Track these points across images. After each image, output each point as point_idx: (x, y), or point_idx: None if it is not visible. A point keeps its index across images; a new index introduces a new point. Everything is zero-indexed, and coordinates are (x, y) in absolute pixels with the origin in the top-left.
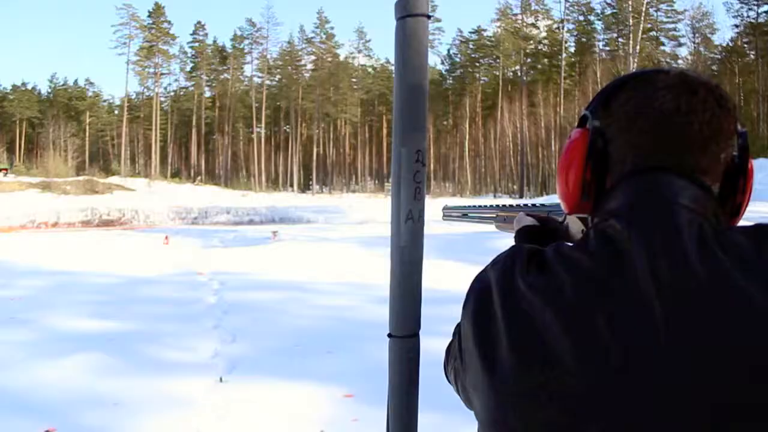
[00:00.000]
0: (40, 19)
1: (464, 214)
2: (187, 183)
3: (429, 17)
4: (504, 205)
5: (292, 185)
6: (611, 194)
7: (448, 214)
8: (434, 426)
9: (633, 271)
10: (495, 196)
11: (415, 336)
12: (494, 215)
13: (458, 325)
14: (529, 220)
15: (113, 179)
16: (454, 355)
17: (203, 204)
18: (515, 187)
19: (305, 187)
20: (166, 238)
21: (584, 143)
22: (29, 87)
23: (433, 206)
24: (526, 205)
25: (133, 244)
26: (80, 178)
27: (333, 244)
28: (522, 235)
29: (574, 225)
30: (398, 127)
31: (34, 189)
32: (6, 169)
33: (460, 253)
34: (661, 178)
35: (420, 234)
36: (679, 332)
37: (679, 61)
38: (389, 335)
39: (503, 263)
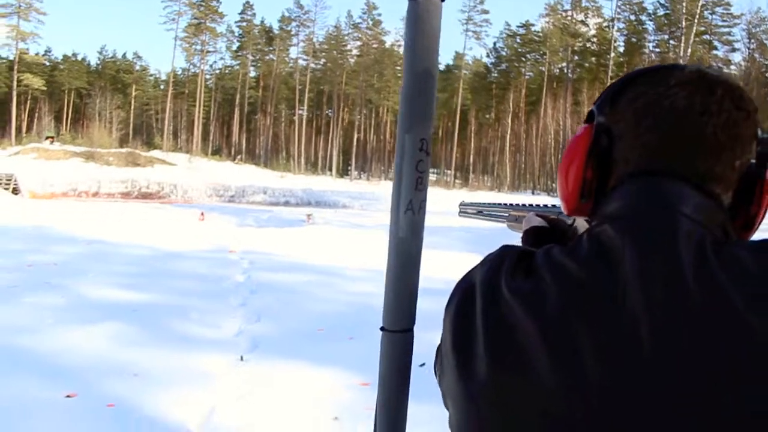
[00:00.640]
0: None
1: (479, 211)
2: (227, 161)
3: (443, 0)
4: (516, 204)
5: (330, 169)
6: (610, 196)
7: (464, 210)
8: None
9: (623, 283)
10: (533, 193)
11: (408, 331)
12: (506, 214)
13: None
14: (538, 221)
15: (155, 153)
16: (439, 356)
17: (241, 183)
18: (554, 185)
19: (343, 172)
20: (202, 214)
21: (588, 140)
22: (79, 58)
23: (468, 198)
24: (537, 205)
25: (169, 218)
26: (123, 150)
27: (366, 230)
28: (529, 235)
29: (584, 227)
30: (404, 113)
31: (78, 158)
32: (53, 137)
33: (489, 247)
34: (664, 182)
35: (420, 226)
36: (666, 353)
37: (732, 67)
38: (382, 329)
39: (491, 263)
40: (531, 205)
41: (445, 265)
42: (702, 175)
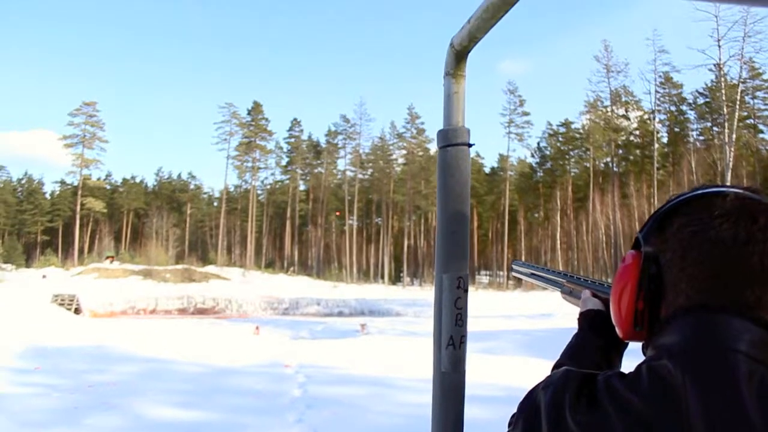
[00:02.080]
0: (151, 118)
1: (532, 273)
2: (281, 273)
3: (470, 146)
4: (571, 276)
5: (383, 277)
6: (665, 328)
7: (517, 270)
8: None
9: (688, 425)
10: None
11: None
12: (561, 283)
13: None
14: (595, 303)
15: (210, 268)
16: None
17: (294, 295)
18: (609, 280)
19: (396, 278)
20: (257, 328)
21: (637, 269)
22: (137, 180)
23: (522, 300)
24: (593, 281)
25: (224, 334)
26: (179, 266)
27: (419, 337)
28: (586, 319)
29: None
30: (440, 253)
31: (136, 276)
32: (112, 257)
33: (546, 351)
34: (717, 319)
35: (461, 360)
36: None
37: None
38: None
39: (554, 388)
40: (587, 280)
41: (502, 371)
42: (752, 306)
